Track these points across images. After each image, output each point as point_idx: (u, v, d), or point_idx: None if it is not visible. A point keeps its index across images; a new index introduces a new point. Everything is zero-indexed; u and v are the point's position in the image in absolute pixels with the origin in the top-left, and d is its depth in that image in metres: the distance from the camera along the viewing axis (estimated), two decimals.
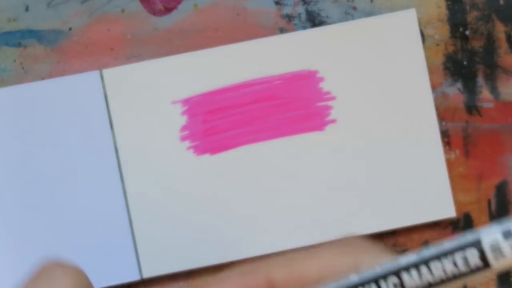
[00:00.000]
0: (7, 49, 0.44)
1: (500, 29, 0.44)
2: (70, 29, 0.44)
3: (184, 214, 0.43)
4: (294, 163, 0.43)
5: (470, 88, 0.44)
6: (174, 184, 0.43)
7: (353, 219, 0.42)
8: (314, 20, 0.44)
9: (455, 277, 0.25)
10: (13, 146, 0.42)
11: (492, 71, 0.44)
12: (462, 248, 0.25)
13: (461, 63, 0.44)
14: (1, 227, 0.42)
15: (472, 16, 0.44)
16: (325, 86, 0.43)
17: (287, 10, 0.44)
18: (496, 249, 0.25)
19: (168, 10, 0.44)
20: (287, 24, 0.44)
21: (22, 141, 0.42)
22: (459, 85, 0.44)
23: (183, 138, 0.43)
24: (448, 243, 0.25)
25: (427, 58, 0.43)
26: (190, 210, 0.43)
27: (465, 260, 0.25)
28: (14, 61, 0.44)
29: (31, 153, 0.42)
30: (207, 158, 0.43)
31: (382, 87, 0.43)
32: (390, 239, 0.43)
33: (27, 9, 0.44)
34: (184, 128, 0.43)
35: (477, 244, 0.25)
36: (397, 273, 0.26)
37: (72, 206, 0.42)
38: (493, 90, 0.44)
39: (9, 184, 0.42)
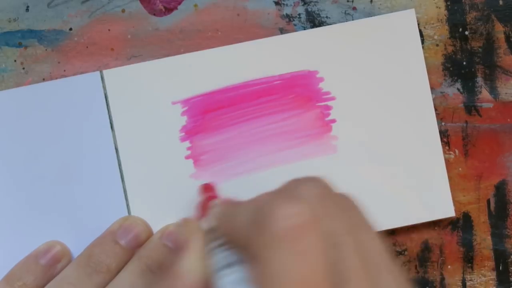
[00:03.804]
0: (8, 49, 0.44)
1: (499, 30, 0.44)
2: (70, 29, 0.44)
3: (184, 213, 0.43)
4: (293, 163, 0.43)
5: (469, 88, 0.44)
6: (174, 184, 0.43)
7: None
8: (314, 21, 0.44)
9: None
10: (15, 147, 0.43)
11: (492, 71, 0.44)
12: None
13: (461, 63, 0.44)
14: (3, 226, 0.42)
15: (471, 16, 0.44)
16: (325, 86, 0.43)
17: (287, 10, 0.44)
18: None
19: (168, 10, 0.44)
20: (287, 24, 0.44)
21: (24, 142, 0.43)
22: (458, 85, 0.44)
23: (183, 138, 0.43)
24: None
25: (427, 58, 0.44)
26: (190, 209, 0.43)
27: None
28: (15, 61, 0.44)
29: (32, 154, 0.43)
30: (207, 158, 0.43)
31: (382, 87, 0.43)
32: (389, 238, 0.44)
33: (27, 9, 0.44)
34: (184, 128, 0.43)
35: None
36: None
37: (73, 205, 0.42)
38: (493, 90, 0.44)
39: (11, 184, 0.42)
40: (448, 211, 0.43)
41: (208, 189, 0.42)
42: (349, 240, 0.29)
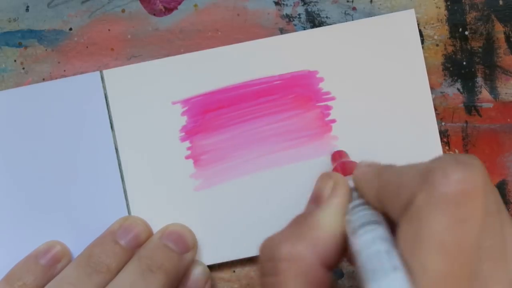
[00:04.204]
0: (8, 49, 0.44)
1: (499, 30, 0.44)
2: (70, 29, 0.44)
3: (184, 213, 0.43)
4: (293, 163, 0.43)
5: (469, 88, 0.44)
6: (174, 184, 0.43)
7: None
8: (314, 21, 0.44)
9: None
10: (15, 147, 0.43)
11: (492, 71, 0.44)
12: None
13: (461, 63, 0.44)
14: (3, 226, 0.42)
15: (471, 16, 0.44)
16: (325, 86, 0.43)
17: (287, 10, 0.44)
18: None
19: (168, 10, 0.44)
20: (287, 24, 0.44)
21: (24, 142, 0.43)
22: (458, 85, 0.44)
23: (183, 138, 0.43)
24: None
25: (427, 59, 0.44)
26: (190, 209, 0.43)
27: None
28: (15, 61, 0.44)
29: (32, 154, 0.43)
30: (206, 158, 0.43)
31: (382, 87, 0.43)
32: None
33: (27, 9, 0.44)
34: (184, 128, 0.43)
35: None
36: None
37: (73, 205, 0.42)
38: (493, 90, 0.44)
39: (11, 184, 0.42)
40: None
41: (341, 155, 0.42)
42: (498, 219, 0.30)
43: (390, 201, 0.31)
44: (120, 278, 0.39)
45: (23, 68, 0.44)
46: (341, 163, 0.40)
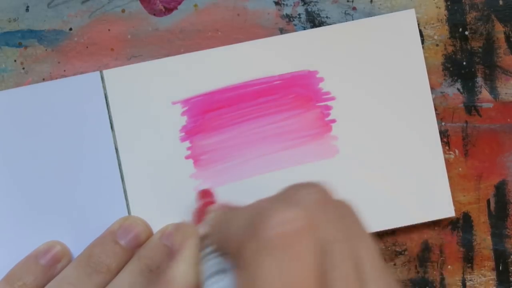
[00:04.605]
0: (8, 49, 0.44)
1: (499, 30, 0.44)
2: (70, 29, 0.44)
3: (184, 213, 0.43)
4: (293, 163, 0.43)
5: (469, 88, 0.44)
6: (174, 184, 0.43)
7: None
8: (314, 21, 0.44)
9: None
10: (15, 147, 0.43)
11: (491, 71, 0.44)
12: None
13: (461, 63, 0.44)
14: (3, 226, 0.42)
15: (471, 16, 0.44)
16: (325, 86, 0.43)
17: (287, 10, 0.44)
18: None
19: (168, 10, 0.44)
20: (287, 24, 0.44)
21: (24, 142, 0.43)
22: (458, 85, 0.44)
23: (183, 138, 0.43)
24: None
25: (427, 59, 0.44)
26: (190, 209, 0.43)
27: None
28: (15, 61, 0.44)
29: (32, 154, 0.43)
30: (206, 158, 0.43)
31: (382, 87, 0.43)
32: (389, 238, 0.44)
33: (27, 9, 0.44)
34: (184, 128, 0.43)
35: None
36: None
37: (73, 205, 0.42)
38: (492, 90, 0.44)
39: (11, 184, 0.42)
40: (448, 211, 0.43)
41: (205, 195, 0.42)
42: (344, 247, 0.29)
43: (230, 248, 0.31)
44: (120, 278, 0.39)
45: (23, 68, 0.44)
46: (199, 208, 0.41)
